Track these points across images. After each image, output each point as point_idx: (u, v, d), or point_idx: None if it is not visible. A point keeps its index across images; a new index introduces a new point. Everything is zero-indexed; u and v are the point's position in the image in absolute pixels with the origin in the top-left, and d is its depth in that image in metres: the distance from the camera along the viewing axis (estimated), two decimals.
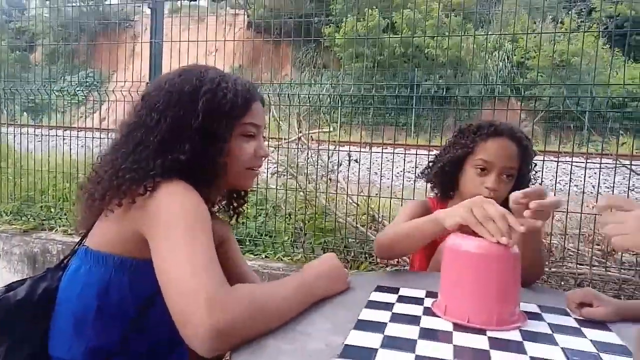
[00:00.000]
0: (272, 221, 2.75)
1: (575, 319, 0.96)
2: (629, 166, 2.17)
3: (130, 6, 3.81)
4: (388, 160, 3.53)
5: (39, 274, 1.02)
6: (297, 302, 0.89)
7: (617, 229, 0.71)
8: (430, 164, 1.48)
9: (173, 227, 0.82)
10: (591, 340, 0.85)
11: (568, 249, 2.43)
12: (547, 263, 2.33)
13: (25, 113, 5.45)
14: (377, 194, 2.57)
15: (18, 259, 2.92)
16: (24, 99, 3.57)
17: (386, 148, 3.22)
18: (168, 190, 0.88)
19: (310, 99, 2.89)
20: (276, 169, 2.79)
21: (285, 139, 2.80)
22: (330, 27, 10.16)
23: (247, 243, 2.67)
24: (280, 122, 2.81)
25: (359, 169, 2.58)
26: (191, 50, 2.87)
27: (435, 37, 3.21)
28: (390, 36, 6.59)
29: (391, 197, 2.42)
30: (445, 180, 1.41)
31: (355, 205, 2.68)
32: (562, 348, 0.81)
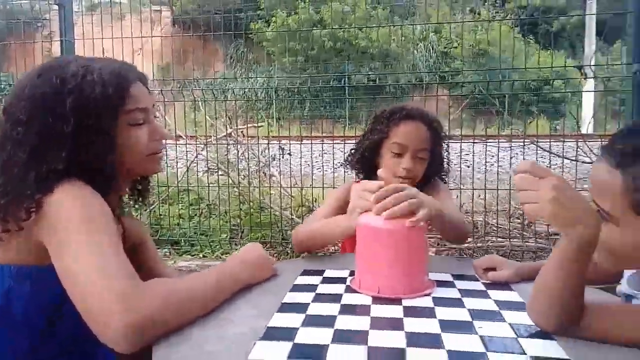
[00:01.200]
0: (208, 220, 2.72)
1: (483, 283, 1.04)
2: (535, 142, 2.37)
3: (43, 4, 3.56)
4: (324, 152, 3.61)
5: None
6: (220, 291, 0.90)
7: (529, 197, 0.72)
8: (352, 151, 1.54)
9: (73, 230, 0.79)
10: (495, 300, 0.93)
11: (491, 224, 2.61)
12: (472, 239, 2.49)
13: None
14: (310, 185, 2.61)
15: None
16: None
17: (322, 140, 3.28)
18: (61, 192, 0.83)
19: (243, 94, 2.87)
20: (206, 165, 2.75)
21: (213, 136, 2.76)
22: (258, 22, 10.06)
23: (183, 244, 2.62)
24: (209, 118, 2.77)
25: (290, 161, 2.61)
26: (113, 49, 2.75)
27: (353, 29, 3.29)
28: (317, 29, 6.65)
29: (324, 187, 2.47)
30: (366, 166, 1.47)
31: (291, 197, 2.70)
32: (468, 309, 0.88)
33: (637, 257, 0.78)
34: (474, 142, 2.50)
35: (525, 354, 0.70)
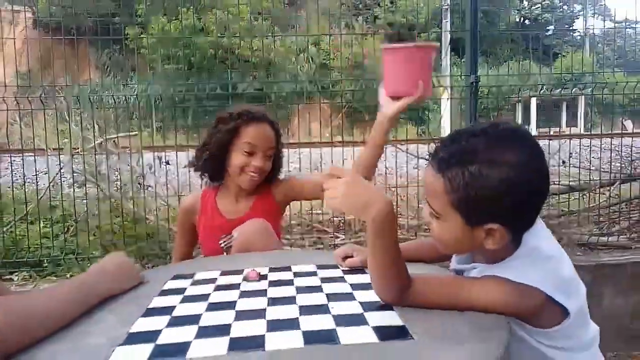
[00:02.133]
0: (76, 238, 2.50)
1: (343, 270, 1.14)
2: (396, 146, 2.64)
3: None
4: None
5: None
6: (74, 303, 0.85)
7: (330, 194, 0.87)
8: (198, 153, 1.60)
9: None
10: (350, 284, 1.03)
11: (362, 221, 2.81)
12: (346, 235, 2.66)
13: None
14: (185, 194, 2.55)
15: None
16: None
17: None
18: None
19: (117, 102, 2.72)
20: (72, 179, 2.55)
21: (77, 147, 2.57)
22: (134, 27, 9.53)
23: (46, 265, 2.38)
24: (75, 128, 2.58)
25: (166, 171, 2.53)
26: None
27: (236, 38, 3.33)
28: (199, 36, 6.52)
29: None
30: (215, 165, 1.56)
31: (168, 207, 2.62)
32: (325, 294, 0.96)
33: (458, 244, 0.93)
34: (343, 147, 2.69)
35: (368, 324, 0.80)
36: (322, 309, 0.88)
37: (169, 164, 2.82)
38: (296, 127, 3.00)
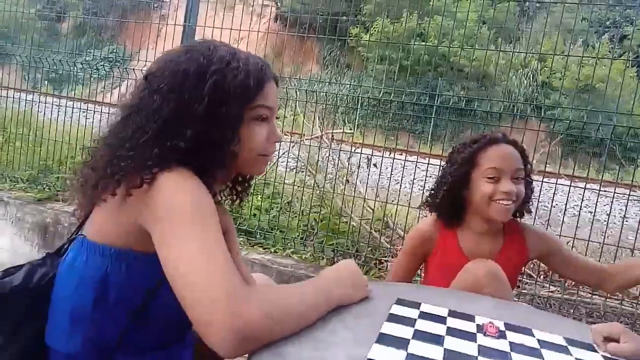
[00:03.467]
0: (285, 216, 2.73)
1: (603, 355, 0.92)
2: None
3: None
4: (404, 167, 3.51)
5: (37, 259, 0.97)
6: (317, 307, 0.86)
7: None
8: (432, 191, 1.46)
9: (180, 220, 0.78)
10: None
11: None
12: (560, 290, 2.29)
13: (47, 82, 5.49)
14: (393, 201, 2.53)
15: (30, 227, 2.93)
16: (48, 69, 3.59)
17: (401, 154, 3.19)
18: (170, 179, 0.82)
19: (331, 97, 2.87)
20: (295, 164, 2.78)
21: (305, 135, 2.78)
22: (357, 27, 10.04)
23: (258, 236, 2.65)
24: (300, 118, 2.80)
25: (379, 174, 2.55)
26: (218, 37, 2.85)
27: (460, 47, 3.17)
28: (417, 42, 6.50)
29: (409, 206, 2.39)
30: (454, 203, 1.41)
31: (370, 210, 2.65)
32: None
33: None
34: (556, 182, 2.32)
35: None
36: None
37: (375, 166, 2.84)
38: None
